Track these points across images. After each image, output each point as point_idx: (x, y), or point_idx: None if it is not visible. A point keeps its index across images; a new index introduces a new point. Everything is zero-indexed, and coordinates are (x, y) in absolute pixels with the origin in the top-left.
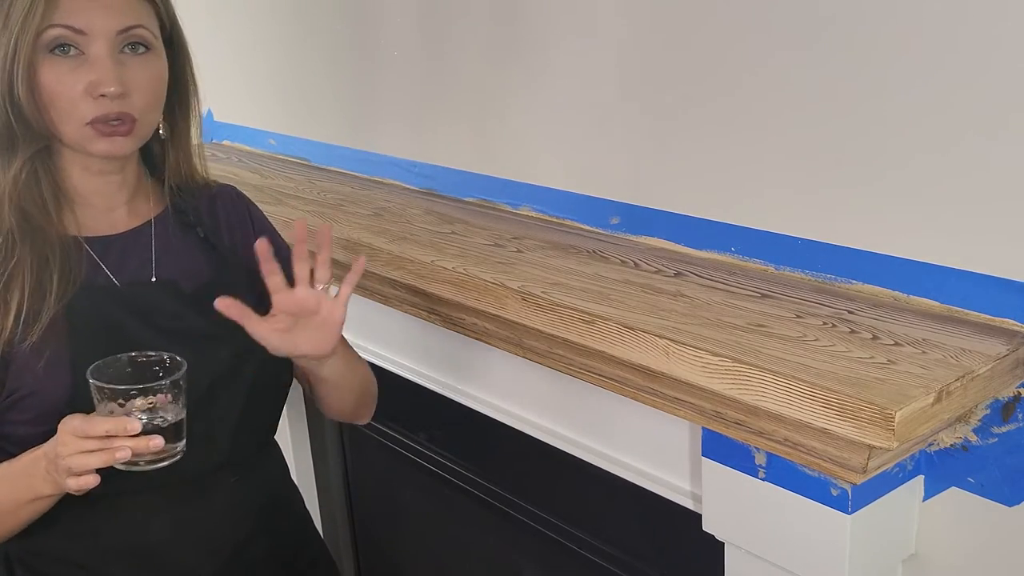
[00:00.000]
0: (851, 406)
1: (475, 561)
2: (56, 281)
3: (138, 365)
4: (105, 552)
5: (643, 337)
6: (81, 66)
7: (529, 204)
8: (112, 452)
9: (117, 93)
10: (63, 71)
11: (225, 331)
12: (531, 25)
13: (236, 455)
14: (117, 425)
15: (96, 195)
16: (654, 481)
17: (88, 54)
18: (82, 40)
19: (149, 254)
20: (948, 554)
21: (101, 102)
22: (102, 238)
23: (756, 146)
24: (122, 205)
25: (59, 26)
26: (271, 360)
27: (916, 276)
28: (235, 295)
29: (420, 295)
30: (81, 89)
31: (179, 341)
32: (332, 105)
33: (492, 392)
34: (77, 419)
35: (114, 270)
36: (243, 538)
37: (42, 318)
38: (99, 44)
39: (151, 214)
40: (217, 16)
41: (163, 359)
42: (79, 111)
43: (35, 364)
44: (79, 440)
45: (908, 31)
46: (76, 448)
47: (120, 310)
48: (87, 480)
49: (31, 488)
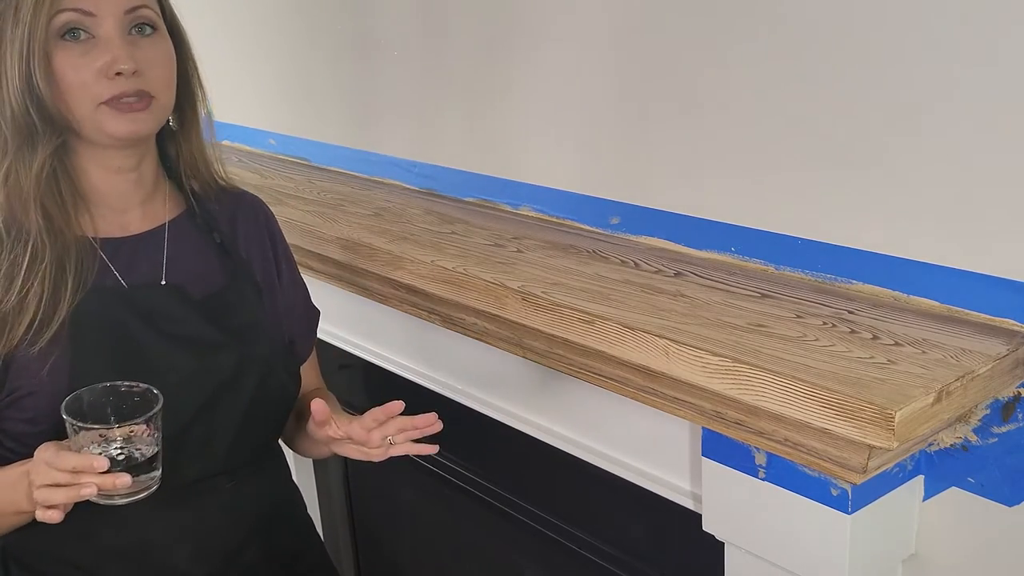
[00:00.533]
0: (851, 406)
1: (475, 561)
2: (71, 287)
3: (118, 395)
4: (101, 553)
5: (643, 337)
6: (93, 49)
7: (529, 204)
8: (78, 489)
9: (132, 70)
10: (75, 55)
11: (229, 339)
12: (531, 25)
13: (233, 462)
14: (84, 462)
15: (112, 194)
16: (654, 481)
17: (98, 36)
18: (91, 22)
19: (161, 257)
20: (948, 554)
21: (117, 81)
22: (114, 239)
23: (756, 146)
24: (137, 206)
25: (69, 10)
26: (275, 373)
27: (916, 276)
28: (244, 305)
29: (420, 295)
30: (96, 70)
31: (182, 346)
32: (332, 105)
33: (492, 392)
34: (50, 449)
35: (123, 272)
36: (239, 543)
37: (53, 324)
38: (109, 24)
39: (166, 217)
40: (217, 16)
41: (143, 390)
42: (94, 93)
43: (37, 367)
44: (50, 471)
45: (908, 31)
46: (46, 479)
47: (125, 311)
48: (51, 515)
49: (14, 502)
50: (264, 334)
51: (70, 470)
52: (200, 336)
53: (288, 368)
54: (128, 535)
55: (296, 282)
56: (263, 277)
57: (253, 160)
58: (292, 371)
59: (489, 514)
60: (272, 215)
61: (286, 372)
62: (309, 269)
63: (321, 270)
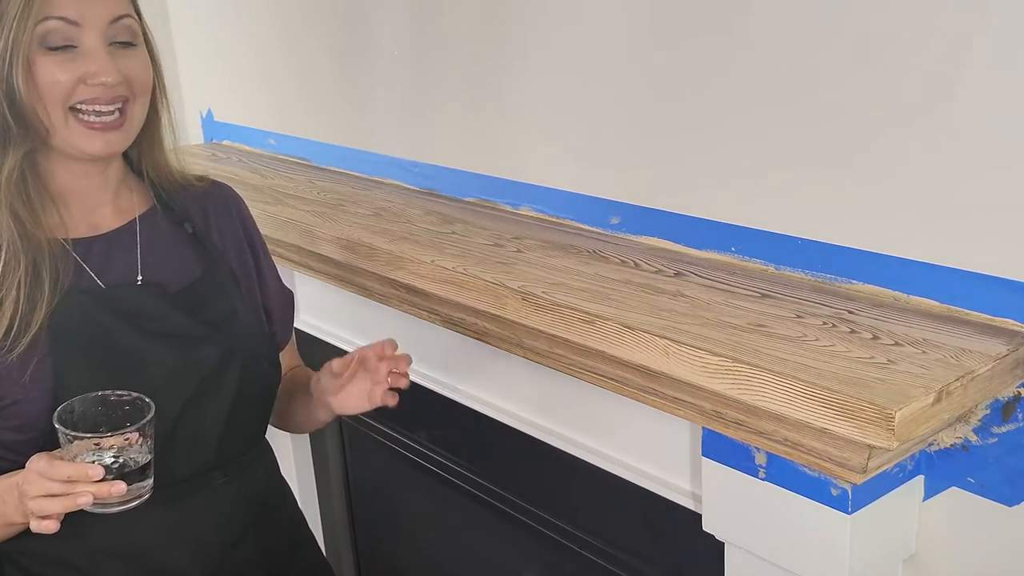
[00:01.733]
0: (851, 406)
1: (475, 561)
2: (47, 293)
3: (109, 404)
4: (95, 552)
5: (643, 337)
6: (76, 58)
7: (529, 204)
8: (74, 498)
9: (116, 82)
10: (57, 64)
11: (211, 331)
12: (531, 25)
13: (224, 456)
14: (78, 471)
15: (81, 195)
16: (654, 481)
17: (81, 47)
18: (75, 32)
19: (134, 255)
20: (948, 554)
21: (94, 88)
22: (86, 239)
23: (756, 146)
24: (107, 203)
25: (54, 18)
26: (256, 360)
27: (916, 276)
28: (222, 295)
29: (420, 295)
30: (74, 78)
31: (164, 343)
32: (332, 105)
33: (492, 392)
34: (43, 460)
35: (98, 272)
36: (233, 539)
37: (31, 329)
38: (92, 35)
39: (136, 212)
40: (218, 16)
41: (134, 399)
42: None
43: (19, 375)
44: (44, 482)
45: (907, 32)
46: (40, 490)
47: (104, 313)
48: (48, 525)
49: (3, 515)
50: (243, 323)
51: (64, 479)
52: (181, 331)
53: (270, 358)
54: (122, 534)
55: (270, 267)
56: (239, 266)
57: (253, 160)
58: (273, 360)
59: (489, 514)
60: (243, 202)
61: (267, 361)
62: (309, 269)
63: (321, 270)
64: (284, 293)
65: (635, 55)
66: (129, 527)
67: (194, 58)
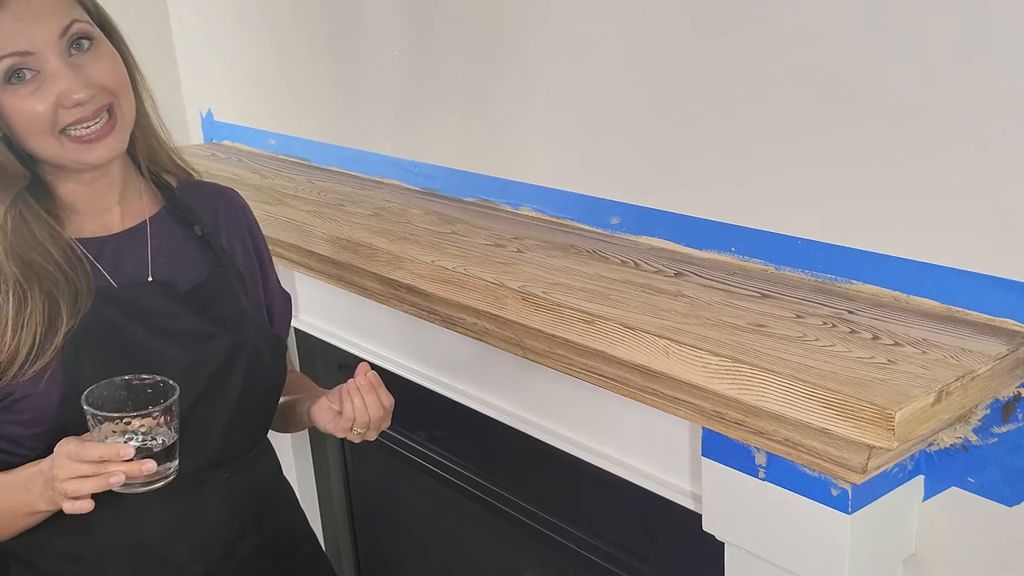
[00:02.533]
0: (851, 406)
1: (475, 561)
2: (66, 318)
3: (132, 388)
4: (100, 548)
5: (643, 337)
6: (43, 85)
7: (529, 204)
8: (106, 477)
9: (88, 97)
10: (29, 96)
11: (219, 328)
12: (532, 25)
13: (229, 452)
14: (110, 451)
15: (88, 201)
16: (654, 481)
17: (43, 71)
18: (33, 60)
19: (145, 254)
20: (948, 554)
21: (74, 110)
22: (98, 239)
23: (756, 146)
24: (115, 205)
25: (7, 56)
26: (261, 356)
27: (916, 276)
28: (229, 294)
29: (420, 295)
30: (51, 104)
31: (174, 341)
32: (332, 105)
33: (492, 392)
34: (73, 443)
35: (111, 271)
36: (236, 535)
37: (47, 353)
38: (49, 56)
39: (146, 214)
40: (218, 16)
41: (156, 382)
42: (53, 120)
43: (30, 372)
44: (74, 464)
45: (907, 32)
46: (71, 472)
47: (115, 312)
48: (82, 504)
49: (27, 503)
50: (250, 322)
51: (96, 460)
52: (190, 329)
53: (275, 356)
54: (127, 529)
55: (273, 271)
56: (246, 268)
57: (253, 160)
58: (279, 359)
59: (489, 514)
60: (248, 207)
61: (273, 359)
62: (309, 269)
63: (321, 270)
64: (284, 297)
65: (635, 55)
66: (133, 522)
67: (194, 58)
